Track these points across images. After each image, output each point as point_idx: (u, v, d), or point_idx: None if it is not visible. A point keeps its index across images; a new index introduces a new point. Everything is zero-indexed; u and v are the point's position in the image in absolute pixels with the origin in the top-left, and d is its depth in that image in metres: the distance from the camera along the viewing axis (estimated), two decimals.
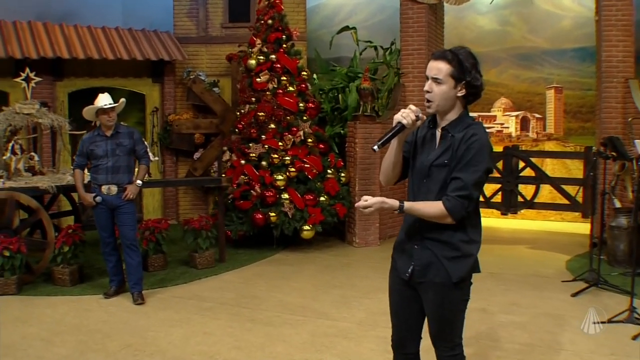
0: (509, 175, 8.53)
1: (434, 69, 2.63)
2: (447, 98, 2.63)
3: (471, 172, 2.56)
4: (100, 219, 5.88)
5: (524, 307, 5.64)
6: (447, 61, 2.61)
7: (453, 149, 2.62)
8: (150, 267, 7.01)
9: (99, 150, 5.77)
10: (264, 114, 8.10)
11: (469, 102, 2.71)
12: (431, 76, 2.63)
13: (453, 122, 2.68)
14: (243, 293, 6.17)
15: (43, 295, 6.03)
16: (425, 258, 2.73)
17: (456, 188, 2.56)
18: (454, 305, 2.78)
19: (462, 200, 2.55)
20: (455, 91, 2.63)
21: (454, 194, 2.55)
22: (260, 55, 8.35)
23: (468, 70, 2.61)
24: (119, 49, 9.23)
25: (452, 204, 2.55)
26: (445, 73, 2.60)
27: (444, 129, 2.69)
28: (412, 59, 9.18)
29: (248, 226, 7.97)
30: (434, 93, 2.63)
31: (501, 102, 11.10)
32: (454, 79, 2.61)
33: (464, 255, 2.70)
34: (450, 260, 2.69)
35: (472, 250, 2.74)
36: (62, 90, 9.31)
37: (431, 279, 2.73)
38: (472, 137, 2.59)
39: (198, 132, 10.03)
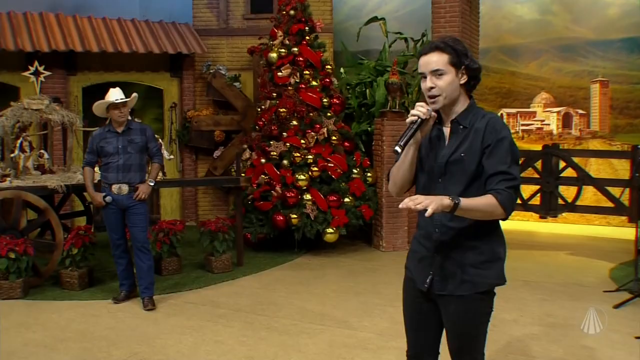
0: (549, 175, 8.34)
1: (432, 62, 2.55)
2: (453, 89, 2.57)
3: (510, 161, 2.49)
4: (110, 219, 5.87)
5: (561, 318, 5.46)
6: (440, 51, 2.55)
7: (474, 141, 2.53)
8: (163, 271, 6.99)
9: (110, 148, 5.76)
10: (286, 110, 8.02)
11: (471, 88, 2.64)
12: (430, 70, 2.55)
13: (463, 113, 2.60)
14: (260, 299, 6.10)
15: (50, 299, 6.04)
16: (446, 267, 2.63)
17: (503, 180, 2.46)
18: (477, 318, 2.67)
19: (511, 191, 2.46)
20: (458, 79, 2.57)
21: (503, 187, 2.45)
22: (282, 48, 8.28)
23: (463, 54, 2.57)
24: (135, 41, 9.27)
25: (505, 197, 2.44)
26: (445, 62, 2.54)
27: (454, 121, 2.61)
28: None
29: (268, 228, 7.91)
30: (439, 87, 2.54)
31: (541, 98, 10.88)
32: (454, 66, 2.55)
33: (491, 260, 2.61)
34: (477, 267, 2.59)
35: (500, 253, 2.65)
36: (75, 84, 9.39)
37: (452, 292, 2.62)
38: (496, 125, 2.53)
39: (218, 129, 10.02)
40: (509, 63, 11.15)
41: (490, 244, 2.60)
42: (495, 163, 2.48)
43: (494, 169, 2.48)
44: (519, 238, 9.24)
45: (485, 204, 2.44)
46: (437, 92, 2.54)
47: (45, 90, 8.64)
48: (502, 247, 2.65)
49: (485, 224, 2.55)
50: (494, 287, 2.66)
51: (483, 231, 2.58)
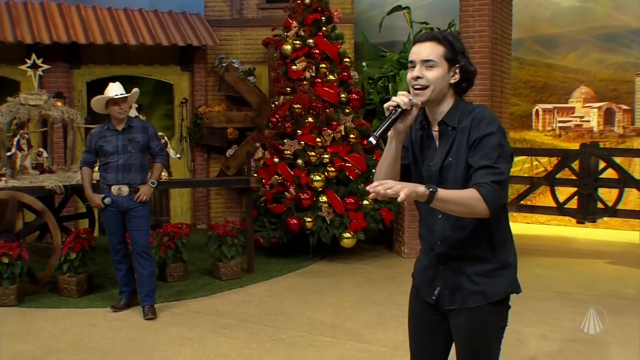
0: (587, 177, 8.20)
1: (425, 51, 2.48)
2: (442, 85, 2.49)
3: (497, 156, 2.39)
4: (110, 223, 5.86)
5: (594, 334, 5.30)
6: (437, 41, 2.49)
7: (461, 141, 2.46)
8: (168, 277, 6.98)
9: (109, 147, 5.74)
10: (300, 106, 7.96)
11: (462, 91, 2.56)
12: (421, 59, 2.48)
13: (449, 112, 2.52)
14: (268, 309, 6.04)
15: (45, 307, 6.06)
16: (453, 279, 2.58)
17: (486, 174, 2.35)
18: (489, 332, 2.60)
19: (496, 186, 2.35)
20: (449, 77, 2.50)
21: (486, 180, 2.34)
22: (297, 39, 8.22)
23: (461, 52, 2.51)
24: (142, 33, 9.29)
25: (488, 191, 2.32)
26: (439, 54, 2.47)
27: (441, 123, 2.53)
28: (473, 42, 8.86)
29: (281, 233, 7.86)
30: (427, 78, 2.46)
31: (581, 92, 10.68)
32: (447, 61, 2.48)
33: (501, 267, 2.55)
34: (486, 275, 2.54)
35: (510, 259, 2.58)
36: (79, 79, 9.44)
37: (461, 305, 2.56)
38: (482, 120, 2.43)
39: (231, 127, 10.00)
40: (545, 54, 10.96)
41: (498, 251, 2.54)
42: (480, 158, 2.39)
43: (478, 163, 2.39)
44: (553, 244, 9.06)
45: (466, 197, 2.32)
46: (424, 83, 2.46)
47: (47, 84, 8.76)
48: (511, 253, 2.60)
49: (491, 230, 2.49)
50: (508, 297, 2.60)
51: (489, 238, 2.52)
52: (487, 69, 8.82)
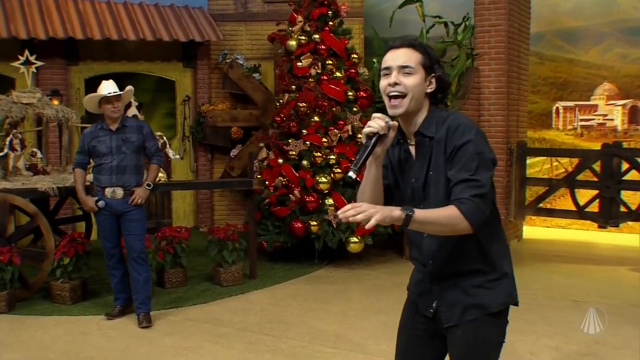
0: (609, 179, 8.12)
1: (402, 57, 2.46)
2: (420, 94, 2.47)
3: (476, 167, 2.35)
4: (104, 226, 5.86)
5: (613, 347, 5.22)
6: (414, 48, 2.48)
7: (438, 153, 2.44)
8: (166, 283, 6.97)
9: (102, 147, 5.73)
10: (306, 105, 7.93)
11: (437, 102, 2.54)
12: (398, 65, 2.45)
13: (424, 122, 2.49)
14: (269, 317, 6.01)
15: (37, 314, 6.06)
16: (450, 295, 2.56)
17: (465, 188, 2.33)
18: (487, 346, 2.58)
19: (477, 200, 2.32)
20: (425, 86, 2.48)
21: (466, 195, 2.32)
22: (302, 34, 8.19)
23: (436, 61, 2.50)
24: (142, 28, 9.30)
25: (469, 207, 2.30)
26: (416, 61, 2.45)
27: (417, 133, 2.50)
28: (489, 37, 8.82)
29: (285, 237, 7.84)
30: (405, 85, 2.43)
31: (604, 89, 10.58)
32: (425, 69, 2.46)
33: (498, 277, 2.54)
34: (483, 287, 2.53)
35: (505, 268, 2.57)
36: (77, 76, 9.48)
37: (460, 320, 2.55)
38: (458, 128, 2.40)
39: (235, 126, 10.00)
40: (566, 49, 10.87)
41: (492, 261, 2.53)
42: (458, 171, 2.36)
43: (457, 177, 2.36)
44: (573, 250, 8.97)
45: (446, 216, 2.30)
46: (403, 90, 2.42)
47: (43, 81, 8.79)
48: (506, 261, 2.58)
49: (482, 241, 2.47)
50: (507, 311, 2.59)
51: (481, 249, 2.50)
52: (503, 65, 8.77)
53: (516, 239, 9.46)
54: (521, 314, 5.99)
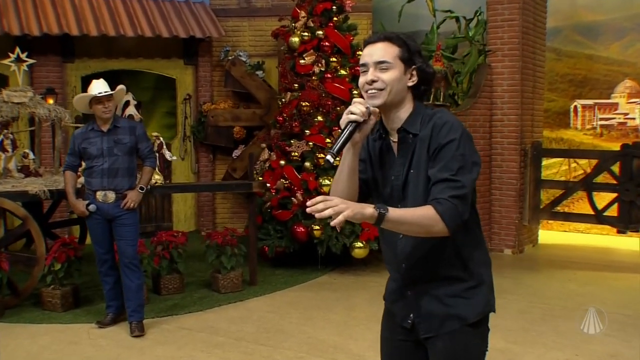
0: (629, 182, 8.08)
1: (378, 52, 2.45)
2: (399, 88, 2.46)
3: (458, 167, 2.34)
4: (96, 231, 5.86)
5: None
6: (390, 42, 2.47)
7: (421, 151, 2.43)
8: (162, 290, 6.97)
9: (93, 149, 5.73)
10: (309, 104, 7.92)
11: (421, 95, 2.53)
12: (374, 61, 2.44)
13: (409, 119, 2.48)
14: (267, 326, 6.00)
15: (26, 322, 6.07)
16: (425, 305, 2.55)
17: (445, 188, 2.32)
18: (470, 357, 2.58)
19: (456, 201, 2.30)
20: (406, 79, 2.47)
21: (444, 196, 2.31)
22: (305, 31, 8.17)
23: (416, 53, 2.49)
24: (140, 24, 9.31)
25: (445, 207, 2.29)
26: (393, 55, 2.44)
27: (400, 130, 2.49)
28: (502, 33, 8.80)
29: (287, 241, 7.82)
30: (382, 80, 2.43)
31: (625, 86, 10.50)
32: (403, 62, 2.45)
33: (475, 285, 2.53)
34: (459, 296, 2.52)
35: (483, 275, 2.56)
36: (73, 73, 9.51)
37: (438, 331, 2.54)
38: (444, 126, 2.39)
39: (238, 125, 9.99)
40: (585, 45, 10.78)
41: (469, 267, 2.52)
42: (439, 170, 2.35)
43: (437, 176, 2.35)
44: (591, 256, 8.89)
45: (421, 216, 2.28)
46: (381, 86, 2.42)
47: (38, 79, 8.84)
48: (484, 269, 2.57)
49: (459, 244, 2.46)
50: (486, 319, 2.59)
51: (458, 254, 2.49)
52: (517, 62, 8.74)
53: (531, 244, 9.40)
54: (531, 325, 5.97)
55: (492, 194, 9.01)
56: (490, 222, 9.01)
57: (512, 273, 7.91)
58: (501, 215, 8.97)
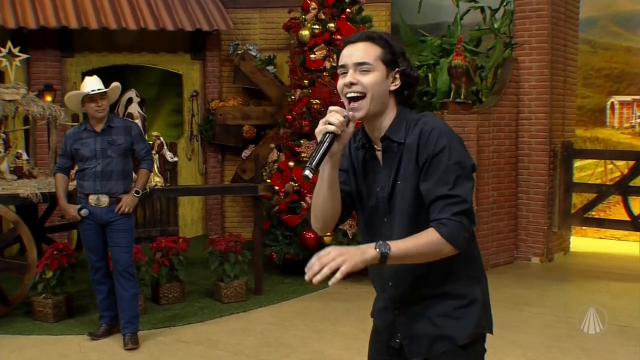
0: None
1: (358, 53, 2.43)
2: (381, 92, 2.42)
3: (455, 178, 2.32)
4: (88, 237, 5.88)
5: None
6: (372, 41, 2.44)
7: (408, 161, 2.40)
8: (162, 299, 6.99)
9: (86, 150, 5.74)
10: (320, 102, 7.90)
11: (404, 100, 2.50)
12: (354, 62, 2.42)
13: (392, 125, 2.45)
14: (269, 338, 5.99)
15: (14, 333, 6.10)
16: (414, 325, 2.53)
17: (445, 206, 2.31)
18: None
19: (460, 218, 2.30)
20: (388, 83, 2.44)
21: (447, 215, 2.30)
22: (316, 23, 8.14)
23: (400, 54, 2.47)
24: (143, 16, 9.34)
25: (450, 229, 2.28)
26: (374, 56, 2.42)
27: (384, 138, 2.46)
28: (529, 24, 8.71)
29: (296, 248, 7.80)
30: (362, 84, 2.39)
31: None
32: (385, 64, 2.43)
33: (467, 304, 2.50)
34: (449, 316, 2.49)
35: (476, 293, 2.52)
36: (73, 69, 9.57)
37: (428, 353, 2.52)
38: (431, 133, 2.36)
39: (247, 124, 9.99)
40: (623, 36, 10.67)
41: (461, 284, 2.50)
42: (434, 186, 2.33)
43: (434, 194, 2.32)
44: (626, 266, 8.77)
45: (426, 244, 2.27)
46: (361, 90, 2.39)
47: (35, 75, 8.93)
48: (477, 286, 2.53)
49: (452, 260, 2.41)
50: (482, 339, 2.57)
51: (449, 270, 2.46)
52: (546, 55, 8.65)
53: (562, 252, 9.29)
54: (555, 341, 5.88)
55: (518, 198, 8.91)
56: (516, 228, 8.92)
57: (538, 284, 7.82)
58: (528, 221, 8.87)
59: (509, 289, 7.51)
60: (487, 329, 2.54)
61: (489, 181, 8.43)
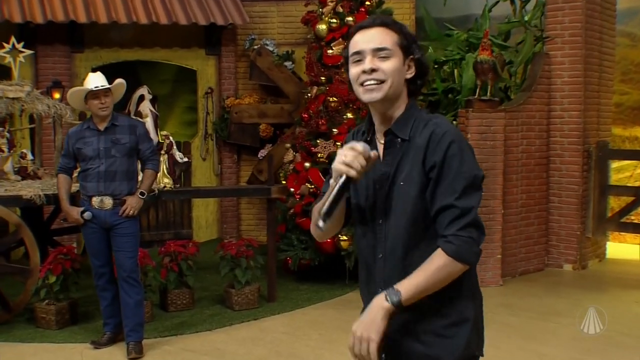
0: None
1: (376, 38, 2.40)
2: (399, 81, 2.42)
3: (463, 187, 2.31)
4: (91, 242, 5.90)
5: None
6: (387, 27, 2.43)
7: (414, 162, 2.36)
8: (170, 306, 7.03)
9: (88, 150, 5.77)
10: (337, 100, 7.88)
11: (416, 90, 2.50)
12: (372, 48, 2.39)
13: (399, 120, 2.43)
14: (280, 348, 5.99)
15: (16, 340, 6.16)
16: (400, 341, 2.47)
17: (452, 221, 2.29)
18: None
19: (469, 232, 2.29)
20: (404, 70, 2.43)
21: (453, 231, 2.28)
22: (333, 17, 8.12)
23: (414, 42, 2.47)
24: (155, 9, 9.38)
25: (457, 246, 2.27)
26: (393, 41, 2.40)
27: (388, 133, 2.43)
28: (562, 16, 8.62)
29: (312, 253, 7.79)
30: (383, 70, 2.37)
31: None
32: (403, 51, 2.42)
33: (456, 323, 2.44)
34: (438, 335, 2.43)
35: (467, 312, 2.46)
36: (82, 64, 9.63)
37: None
38: (443, 138, 2.33)
39: (264, 122, 10.00)
40: None
41: (452, 301, 2.44)
42: (441, 194, 2.31)
43: (439, 203, 2.31)
44: None
45: (436, 270, 2.29)
46: (382, 77, 2.37)
47: (43, 71, 9.02)
48: (470, 304, 2.47)
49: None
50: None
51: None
52: (580, 50, 8.57)
53: (597, 259, 9.18)
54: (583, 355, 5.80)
55: (549, 201, 8.83)
56: (547, 233, 8.84)
57: (569, 292, 7.73)
58: (560, 226, 8.78)
59: (537, 298, 7.44)
60: (478, 351, 2.50)
61: (517, 183, 8.37)
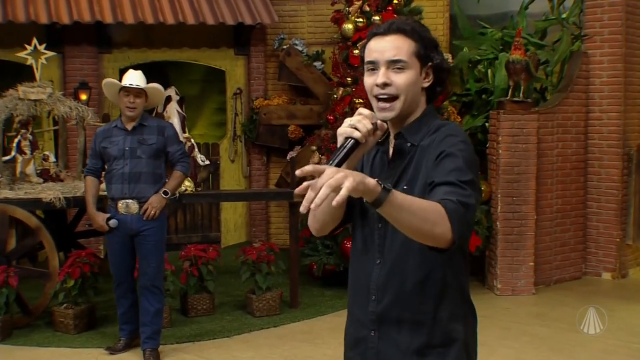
0: None
1: (391, 49, 2.36)
2: (415, 92, 2.40)
3: (467, 181, 2.24)
4: (114, 250, 5.95)
5: None
6: (404, 34, 2.38)
7: (419, 164, 2.36)
8: (190, 312, 7.13)
9: (114, 149, 5.78)
10: (363, 101, 7.90)
11: (434, 97, 2.48)
12: (386, 60, 2.36)
13: (413, 124, 2.43)
14: (296, 357, 6.05)
15: (33, 344, 6.29)
16: (385, 353, 2.45)
17: (452, 191, 2.20)
18: None
19: (463, 207, 2.18)
20: (421, 80, 2.41)
21: (453, 198, 2.18)
22: (360, 16, 8.16)
23: (433, 47, 2.42)
24: (182, 9, 9.50)
25: (455, 209, 2.15)
26: (409, 52, 2.37)
27: (399, 136, 2.43)
28: (601, 14, 8.56)
29: (337, 258, 7.83)
30: (397, 84, 2.35)
31: None
32: (420, 60, 2.39)
33: (445, 343, 2.39)
34: (425, 354, 2.39)
35: (457, 331, 2.41)
36: (110, 65, 9.79)
37: None
38: (451, 137, 2.32)
39: (293, 124, 10.05)
40: None
41: (444, 318, 2.39)
42: (445, 174, 2.24)
43: (442, 179, 2.23)
44: None
45: (428, 207, 2.12)
46: (394, 92, 2.35)
47: (71, 72, 9.21)
48: (460, 323, 2.42)
49: (445, 283, 2.37)
50: None
51: (438, 295, 2.38)
52: (620, 48, 8.51)
53: (638, 267, 9.07)
54: None
55: (587, 207, 8.76)
56: (585, 240, 8.77)
57: (605, 302, 7.61)
58: (599, 232, 8.71)
59: (570, 308, 7.37)
60: None
61: (552, 188, 8.32)
